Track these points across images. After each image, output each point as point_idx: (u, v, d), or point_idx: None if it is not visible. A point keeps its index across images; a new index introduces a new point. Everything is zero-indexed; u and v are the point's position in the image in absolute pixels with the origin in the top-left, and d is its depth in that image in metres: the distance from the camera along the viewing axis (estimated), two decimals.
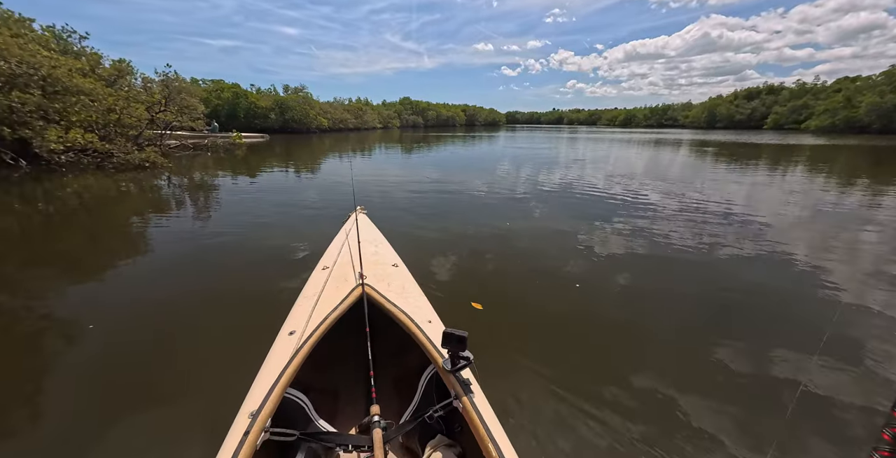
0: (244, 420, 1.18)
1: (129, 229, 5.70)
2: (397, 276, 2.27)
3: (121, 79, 16.13)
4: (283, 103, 41.80)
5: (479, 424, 1.21)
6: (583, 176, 11.23)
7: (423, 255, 4.50)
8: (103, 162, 10.04)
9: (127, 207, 6.99)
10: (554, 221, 6.19)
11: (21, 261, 4.40)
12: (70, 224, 5.98)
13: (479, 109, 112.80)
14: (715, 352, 2.72)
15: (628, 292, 3.69)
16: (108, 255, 4.63)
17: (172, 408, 2.13)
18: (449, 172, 12.39)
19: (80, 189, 8.31)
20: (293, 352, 1.47)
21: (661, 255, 4.66)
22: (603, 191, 8.89)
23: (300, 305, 1.94)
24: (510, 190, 8.92)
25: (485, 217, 6.39)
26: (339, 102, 60.74)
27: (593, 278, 3.97)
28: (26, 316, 3.16)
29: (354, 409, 1.93)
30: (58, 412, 2.12)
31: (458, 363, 1.36)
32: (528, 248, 4.95)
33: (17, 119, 8.96)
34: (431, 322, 1.76)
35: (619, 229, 5.74)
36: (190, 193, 8.41)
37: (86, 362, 2.55)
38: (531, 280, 3.95)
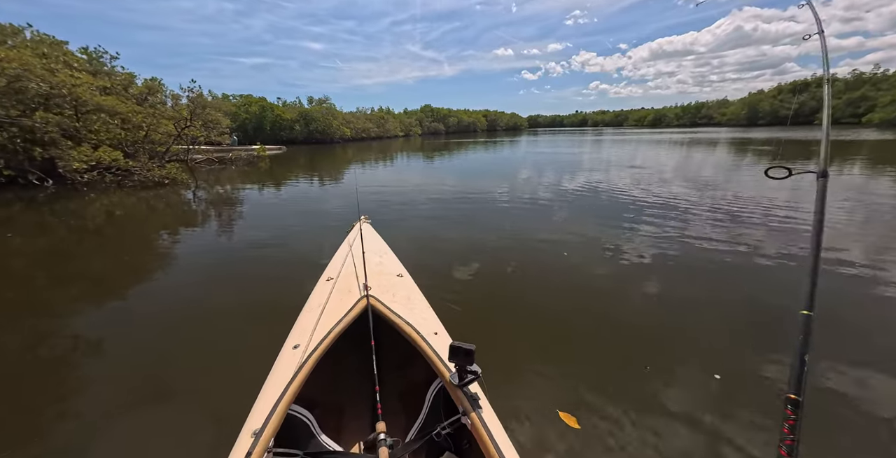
0: (247, 440, 1.14)
1: (144, 246, 5.74)
2: (402, 286, 2.23)
3: (151, 96, 16.67)
4: (307, 115, 42.82)
5: (488, 442, 1.15)
6: (609, 180, 10.36)
7: (442, 264, 4.43)
8: (124, 180, 10.14)
9: (142, 225, 7.03)
10: (579, 228, 5.92)
11: (49, 278, 4.49)
12: (89, 243, 6.07)
13: (500, 114, 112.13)
14: (762, 373, 2.43)
15: (659, 303, 3.45)
16: (118, 273, 4.60)
17: (175, 426, 2.11)
18: (469, 178, 12.18)
19: (104, 207, 8.38)
20: (297, 367, 1.43)
21: (698, 264, 4.32)
22: (632, 195, 8.28)
23: (304, 317, 1.91)
24: (532, 196, 8.61)
25: (506, 224, 6.23)
26: (362, 111, 61.82)
27: (620, 288, 3.78)
28: (41, 332, 3.22)
29: (359, 425, 1.86)
30: (58, 428, 2.12)
31: (466, 378, 1.30)
32: (551, 256, 4.72)
33: (44, 139, 9.18)
34: (437, 334, 1.71)
35: (651, 234, 5.39)
36: (211, 208, 8.49)
37: (86, 377, 2.58)
38: (552, 289, 3.80)
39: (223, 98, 43.04)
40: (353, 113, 57.44)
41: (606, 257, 4.61)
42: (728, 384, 2.36)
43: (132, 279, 4.35)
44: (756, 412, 2.11)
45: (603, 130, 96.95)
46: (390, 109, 71.97)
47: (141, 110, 14.01)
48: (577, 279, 4.03)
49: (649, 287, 3.77)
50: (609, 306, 3.45)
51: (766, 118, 78.23)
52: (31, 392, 2.48)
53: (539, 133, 77.08)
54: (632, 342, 2.86)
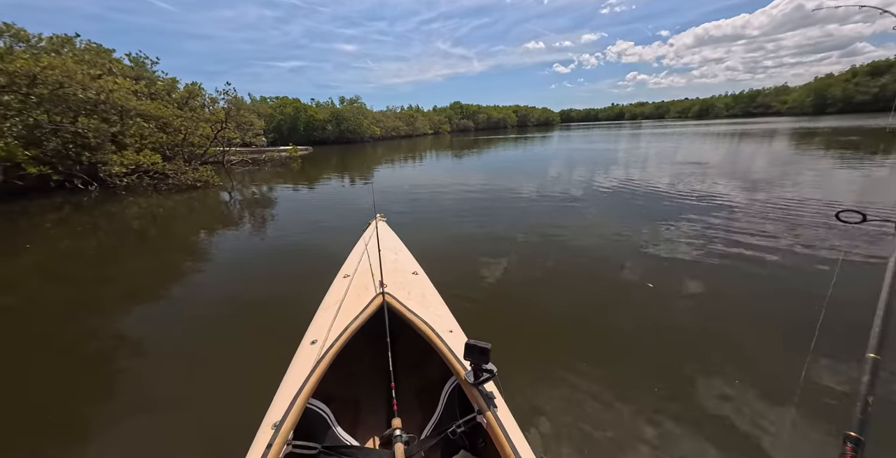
0: (267, 432, 1.17)
1: (185, 245, 5.98)
2: (417, 284, 2.25)
3: (192, 100, 17.27)
4: (338, 115, 43.53)
5: (504, 441, 1.14)
6: (646, 177, 9.32)
7: (465, 263, 4.44)
8: (159, 183, 10.40)
9: (182, 225, 7.29)
10: (610, 227, 5.63)
11: (97, 277, 4.67)
12: (132, 243, 6.32)
13: (531, 110, 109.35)
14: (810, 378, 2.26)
15: (695, 308, 3.27)
16: (160, 272, 4.80)
17: (197, 417, 2.19)
18: (498, 175, 11.87)
19: (145, 210, 8.61)
20: (315, 362, 1.46)
21: (745, 267, 4.00)
22: (671, 193, 7.67)
23: (322, 314, 1.95)
24: (562, 194, 8.32)
25: (534, 222, 6.10)
26: (392, 110, 62.25)
27: (651, 290, 3.61)
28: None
29: (375, 420, 1.88)
30: (74, 421, 2.23)
31: (482, 376, 1.29)
32: (581, 255, 4.59)
33: (92, 144, 9.56)
34: (453, 332, 1.72)
35: (691, 235, 5.04)
36: (246, 208, 8.69)
37: (110, 371, 2.73)
38: (582, 288, 3.75)
39: (261, 101, 44.72)
40: (383, 112, 57.96)
41: (639, 258, 4.36)
42: (760, 396, 2.20)
43: (174, 278, 4.55)
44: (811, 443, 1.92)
45: (641, 123, 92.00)
46: (420, 107, 72.07)
47: (181, 114, 14.49)
48: (607, 280, 3.86)
49: (684, 291, 3.55)
50: (640, 309, 3.27)
51: (836, 105, 68.76)
52: (82, 381, 2.63)
53: (572, 128, 74.48)
54: (663, 347, 2.72)
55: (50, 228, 7.14)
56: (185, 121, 14.17)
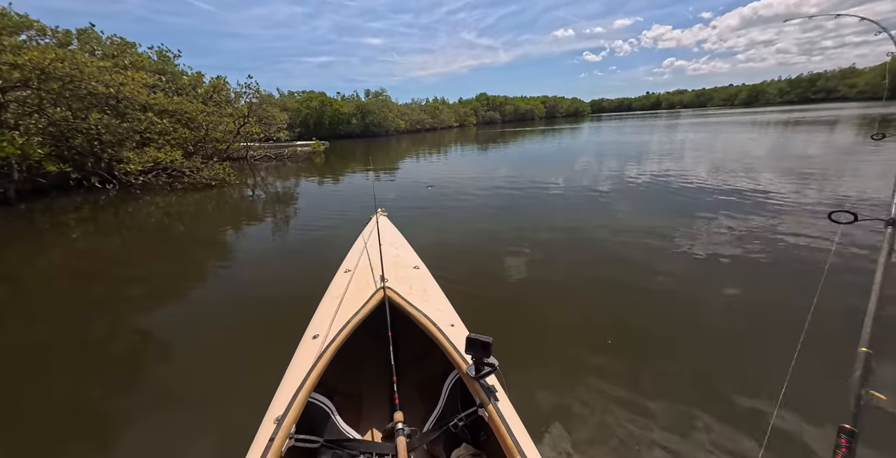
0: (269, 426, 1.18)
1: (210, 242, 6.03)
2: (419, 278, 2.25)
3: (216, 95, 17.14)
4: (363, 108, 43.21)
5: (505, 434, 1.16)
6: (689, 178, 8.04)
7: (484, 257, 4.46)
8: (175, 182, 10.10)
9: (207, 222, 7.26)
10: (639, 223, 5.43)
11: (109, 277, 4.65)
12: (151, 242, 6.26)
13: (560, 100, 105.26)
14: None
15: (720, 308, 3.13)
16: (182, 269, 4.93)
17: (199, 412, 2.23)
18: (523, 169, 11.50)
19: (160, 209, 8.36)
20: (317, 356, 1.47)
21: (781, 269, 3.73)
22: (711, 189, 7.00)
23: (323, 308, 1.98)
24: (589, 189, 8.00)
25: (559, 216, 6.02)
26: (417, 103, 61.36)
27: (685, 287, 3.52)
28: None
29: (378, 414, 1.89)
30: (76, 412, 2.29)
31: (483, 370, 1.30)
32: (604, 251, 4.48)
33: (105, 140, 9.35)
34: (454, 326, 1.72)
35: (729, 234, 4.78)
36: (263, 205, 8.53)
37: (114, 362, 2.82)
38: (601, 286, 3.66)
39: (289, 95, 45.09)
40: (408, 104, 57.19)
41: (666, 254, 4.23)
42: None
43: (190, 276, 4.59)
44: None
45: (680, 112, 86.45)
46: (445, 100, 70.61)
47: (204, 108, 14.30)
48: (626, 280, 3.72)
49: (713, 293, 3.39)
50: (659, 308, 3.19)
51: None
52: (97, 374, 2.71)
53: (603, 119, 71.12)
54: (681, 349, 2.64)
55: (73, 226, 7.08)
56: (209, 116, 13.97)
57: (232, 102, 17.21)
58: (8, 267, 5.16)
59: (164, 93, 16.19)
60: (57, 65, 7.84)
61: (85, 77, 8.34)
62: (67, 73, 8.02)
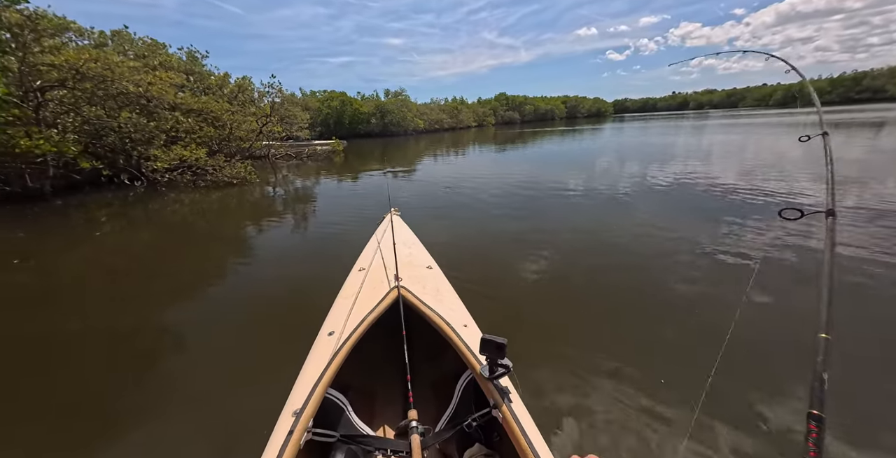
0: (288, 419, 1.21)
1: (231, 239, 6.17)
2: (432, 278, 2.27)
3: (241, 94, 17.56)
4: (382, 107, 43.54)
5: (520, 436, 1.16)
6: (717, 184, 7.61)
7: (500, 258, 4.45)
8: (197, 180, 10.36)
9: (230, 219, 7.44)
10: (665, 227, 5.29)
11: (134, 272, 4.80)
12: (175, 238, 6.44)
13: (581, 100, 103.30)
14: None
15: (749, 313, 2.94)
16: (207, 265, 5.05)
17: (216, 404, 2.30)
18: (542, 170, 11.42)
19: (186, 206, 8.59)
20: (333, 353, 1.50)
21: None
22: (742, 192, 6.75)
23: (338, 305, 1.99)
24: (609, 191, 7.82)
25: (577, 219, 5.97)
26: (436, 102, 61.39)
27: (709, 294, 3.43)
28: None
29: (391, 411, 1.92)
30: (98, 403, 2.39)
31: (497, 371, 1.31)
32: (626, 253, 4.44)
33: (134, 138, 9.67)
34: (467, 326, 1.74)
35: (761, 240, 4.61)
36: (284, 204, 8.68)
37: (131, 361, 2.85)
38: (619, 290, 3.59)
39: (310, 95, 45.90)
40: (427, 104, 57.27)
41: (689, 259, 4.15)
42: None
43: (212, 272, 4.69)
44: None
45: (709, 112, 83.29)
46: (464, 99, 70.34)
47: (229, 108, 14.66)
48: (650, 281, 3.69)
49: (740, 300, 3.13)
50: (681, 314, 3.12)
51: None
52: (120, 367, 2.77)
53: (626, 119, 69.37)
54: (702, 357, 2.42)
55: (104, 221, 7.38)
56: (233, 115, 14.31)
57: (256, 102, 17.59)
58: (45, 260, 5.39)
59: (192, 92, 16.74)
60: (90, 65, 8.18)
61: (116, 77, 8.66)
62: (100, 73, 8.36)
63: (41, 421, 2.24)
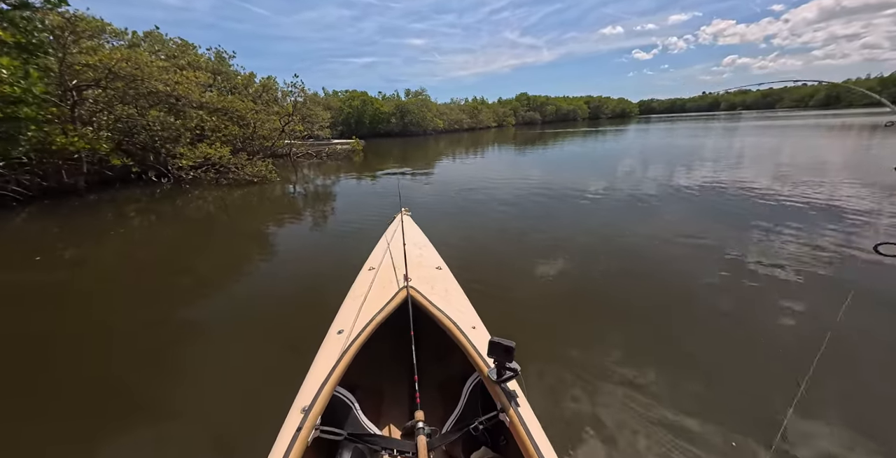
0: (297, 416, 1.23)
1: (253, 236, 6.27)
2: (441, 279, 2.26)
3: (265, 94, 17.95)
4: (402, 107, 43.78)
5: (527, 440, 1.16)
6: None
7: (514, 260, 4.38)
8: (220, 178, 10.59)
9: (255, 216, 7.49)
10: (688, 234, 5.10)
11: (171, 267, 4.96)
12: (197, 234, 6.56)
13: (605, 100, 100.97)
14: None
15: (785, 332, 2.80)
16: (229, 262, 5.09)
17: (229, 399, 2.34)
18: (561, 172, 11.29)
19: (209, 203, 8.80)
20: (342, 351, 1.51)
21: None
22: (780, 198, 6.34)
23: (348, 304, 2.00)
24: (632, 193, 7.68)
25: (595, 222, 5.79)
26: (456, 102, 61.29)
27: (733, 304, 3.23)
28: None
29: (397, 411, 1.92)
30: (90, 410, 2.34)
31: (505, 374, 1.30)
32: (643, 260, 4.28)
33: (161, 136, 9.96)
34: (476, 328, 1.72)
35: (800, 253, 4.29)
36: (304, 202, 8.76)
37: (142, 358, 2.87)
38: (638, 298, 3.42)
39: (333, 94, 46.63)
40: (447, 104, 57.25)
41: (712, 267, 3.94)
42: None
43: (232, 268, 4.74)
44: None
45: (742, 114, 79.67)
46: (484, 99, 69.97)
47: (254, 107, 14.98)
48: (670, 290, 3.56)
49: (768, 316, 3.06)
50: (704, 325, 3.00)
51: None
52: (136, 360, 2.84)
53: (652, 121, 67.23)
54: (711, 367, 2.45)
55: (133, 216, 7.64)
56: (257, 114, 14.62)
57: (279, 102, 17.93)
58: (78, 253, 5.63)
59: (219, 91, 17.21)
60: (122, 65, 8.49)
61: (145, 76, 8.96)
62: (130, 72, 8.66)
63: (58, 415, 2.29)
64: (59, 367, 2.73)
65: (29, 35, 8.28)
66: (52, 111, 8.41)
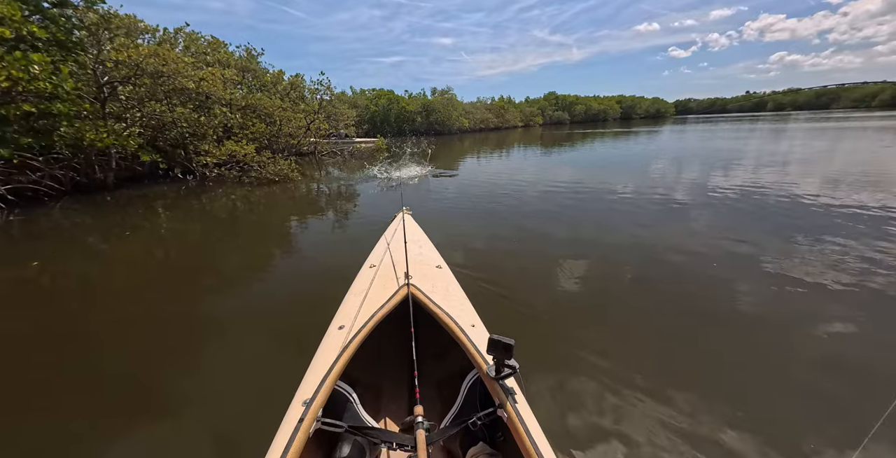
0: (298, 408, 1.25)
1: (277, 233, 6.26)
2: (441, 277, 2.30)
3: (292, 91, 18.03)
4: (428, 106, 43.56)
5: (524, 436, 1.17)
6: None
7: (541, 264, 4.27)
8: (242, 176, 10.52)
9: (255, 217, 7.26)
10: (723, 241, 4.90)
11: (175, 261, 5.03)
12: (220, 231, 6.57)
13: (639, 100, 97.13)
14: None
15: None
16: (250, 259, 5.08)
17: (232, 392, 2.38)
18: (588, 174, 10.80)
19: (233, 200, 8.75)
20: (342, 346, 1.53)
21: None
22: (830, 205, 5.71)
23: (349, 301, 2.03)
24: (664, 196, 7.43)
25: (627, 227, 5.50)
26: (482, 101, 60.51)
27: (768, 316, 3.04)
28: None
29: (396, 406, 1.95)
30: (100, 410, 2.32)
31: (503, 371, 1.32)
32: (670, 266, 4.07)
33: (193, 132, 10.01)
34: (475, 326, 1.76)
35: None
36: (326, 201, 8.67)
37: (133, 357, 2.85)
38: (665, 307, 3.28)
39: (360, 93, 47.03)
40: (473, 103, 56.56)
41: (748, 277, 3.72)
42: None
43: (254, 266, 4.68)
44: None
45: (791, 114, 74.03)
46: (511, 99, 68.74)
47: (281, 104, 15.03)
48: (693, 299, 3.40)
49: (810, 330, 2.82)
50: (731, 340, 2.77)
51: None
52: (143, 355, 2.85)
53: (689, 121, 63.97)
54: (733, 381, 2.34)
55: (160, 212, 7.67)
56: (284, 111, 14.64)
57: (307, 101, 17.97)
58: (105, 248, 5.64)
59: (249, 89, 17.43)
60: (149, 60, 8.52)
61: (169, 72, 8.97)
62: (157, 68, 8.68)
63: (70, 409, 2.31)
64: (75, 361, 2.76)
65: (68, 33, 8.48)
66: (87, 108, 8.55)
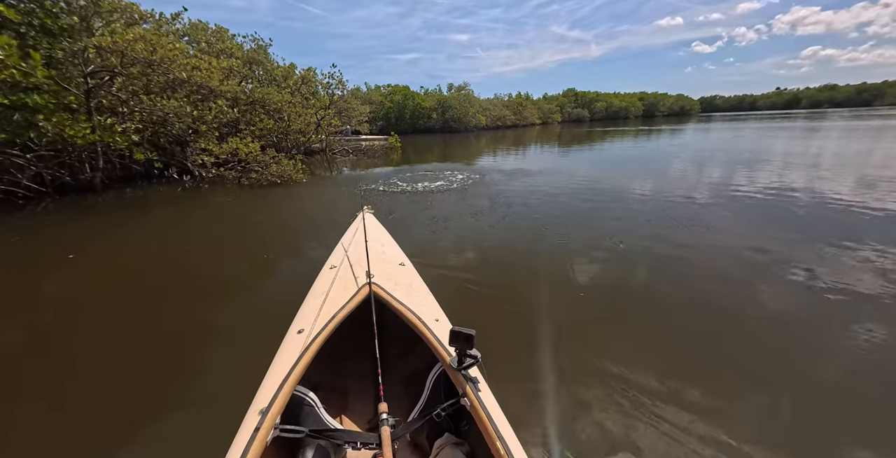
0: (254, 417, 1.21)
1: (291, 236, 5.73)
2: (404, 275, 2.29)
3: (304, 86, 17.12)
4: (444, 102, 42.39)
5: (486, 422, 1.20)
6: None
7: (550, 268, 4.02)
8: (242, 178, 9.59)
9: (257, 222, 6.57)
10: (746, 244, 4.55)
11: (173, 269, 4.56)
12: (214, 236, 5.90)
13: (662, 97, 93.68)
14: None
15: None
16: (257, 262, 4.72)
17: (185, 406, 2.26)
18: (608, 173, 9.95)
19: (229, 202, 7.89)
20: (302, 350, 1.51)
21: None
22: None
23: (308, 303, 1.98)
24: (685, 194, 7.25)
25: (643, 229, 5.16)
26: (499, 98, 58.89)
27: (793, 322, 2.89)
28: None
29: (363, 406, 1.94)
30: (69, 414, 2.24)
31: (466, 362, 1.34)
32: (689, 272, 3.80)
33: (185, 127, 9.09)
34: (439, 321, 1.76)
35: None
36: (332, 203, 7.71)
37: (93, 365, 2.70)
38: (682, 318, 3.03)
39: (375, 89, 46.12)
40: (490, 100, 55.07)
41: (771, 282, 3.46)
42: None
43: (250, 272, 4.40)
44: None
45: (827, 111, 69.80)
46: (529, 95, 66.78)
47: (290, 99, 14.11)
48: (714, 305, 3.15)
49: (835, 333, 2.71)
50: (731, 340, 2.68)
51: None
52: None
53: (714, 119, 61.12)
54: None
55: (156, 213, 7.06)
56: (293, 107, 13.72)
57: (319, 97, 17.05)
58: (89, 259, 4.88)
59: (259, 82, 16.59)
60: (135, 47, 7.59)
61: (158, 59, 8.03)
62: (145, 56, 7.75)
63: (74, 415, 2.20)
64: (72, 371, 2.63)
65: (55, 18, 7.64)
66: (72, 100, 7.71)
